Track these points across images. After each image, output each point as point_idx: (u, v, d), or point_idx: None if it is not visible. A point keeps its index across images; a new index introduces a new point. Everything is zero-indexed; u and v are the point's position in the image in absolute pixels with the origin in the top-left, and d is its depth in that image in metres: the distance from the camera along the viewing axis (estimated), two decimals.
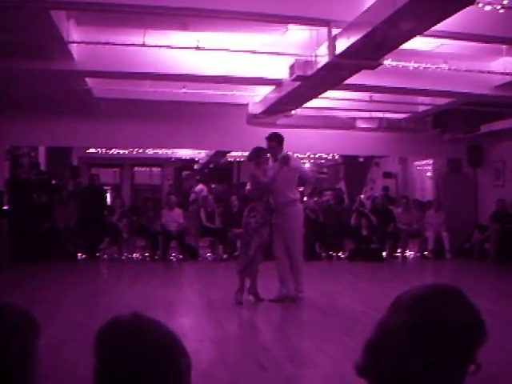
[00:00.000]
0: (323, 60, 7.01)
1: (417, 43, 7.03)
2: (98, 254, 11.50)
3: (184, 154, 19.20)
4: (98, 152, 17.31)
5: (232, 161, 19.82)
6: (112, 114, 11.54)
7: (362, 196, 15.13)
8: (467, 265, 11.33)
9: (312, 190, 14.12)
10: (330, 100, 10.44)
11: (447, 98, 10.53)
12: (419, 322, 1.17)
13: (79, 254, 11.45)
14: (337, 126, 12.21)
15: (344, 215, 12.81)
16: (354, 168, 17.04)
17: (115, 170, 21.83)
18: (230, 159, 19.38)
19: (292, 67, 7.72)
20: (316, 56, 7.27)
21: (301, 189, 10.85)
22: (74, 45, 7.82)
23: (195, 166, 21.27)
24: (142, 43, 7.46)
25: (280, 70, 8.53)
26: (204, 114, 11.70)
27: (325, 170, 21.16)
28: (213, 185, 19.40)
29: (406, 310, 1.20)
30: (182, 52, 8.16)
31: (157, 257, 11.64)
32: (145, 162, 21.21)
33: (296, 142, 10.36)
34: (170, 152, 18.44)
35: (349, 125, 12.09)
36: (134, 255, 11.88)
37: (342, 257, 12.16)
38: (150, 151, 17.57)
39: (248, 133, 10.81)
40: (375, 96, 10.54)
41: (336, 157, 17.94)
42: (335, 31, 6.53)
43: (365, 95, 10.55)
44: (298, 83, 8.05)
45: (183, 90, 9.81)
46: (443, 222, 12.36)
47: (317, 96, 9.30)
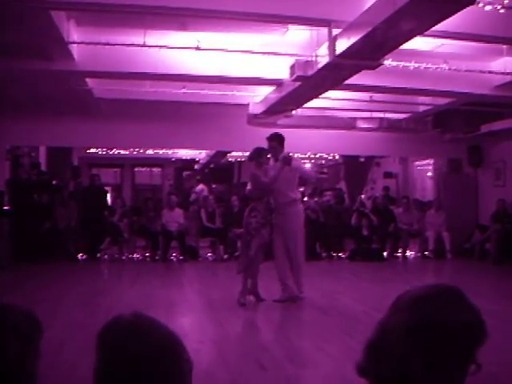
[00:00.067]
0: (323, 60, 7.01)
1: (417, 43, 7.03)
2: (98, 254, 11.51)
3: (184, 154, 19.19)
4: (99, 152, 17.29)
5: (232, 161, 19.79)
6: (112, 114, 11.54)
7: (363, 196, 15.12)
8: (468, 265, 11.32)
9: (312, 190, 14.13)
10: (330, 100, 10.43)
11: (447, 98, 10.52)
12: (420, 322, 1.17)
13: (80, 254, 11.45)
14: (337, 126, 12.20)
15: (344, 215, 12.80)
16: (355, 168, 17.03)
17: (116, 170, 21.83)
18: (230, 159, 19.36)
19: (292, 67, 7.72)
20: (316, 56, 7.27)
21: (301, 189, 10.86)
22: (74, 45, 7.82)
23: (196, 166, 21.25)
24: (142, 43, 7.46)
25: (280, 70, 8.52)
26: (204, 114, 11.69)
27: (325, 170, 21.13)
28: (213, 185, 19.41)
29: (407, 310, 1.21)
30: (182, 52, 8.15)
31: (157, 257, 11.64)
32: (145, 162, 21.20)
33: (296, 142, 10.35)
34: (170, 152, 18.42)
35: (349, 125, 12.08)
36: (135, 255, 11.88)
37: (343, 257, 12.16)
38: (150, 151, 17.58)
39: (248, 133, 10.80)
40: (376, 96, 10.54)
41: (336, 157, 17.93)
42: (335, 31, 6.53)
43: (365, 95, 10.55)
44: (298, 83, 8.05)
45: (183, 90, 9.81)
46: (444, 221, 12.36)
47: (317, 96, 9.30)
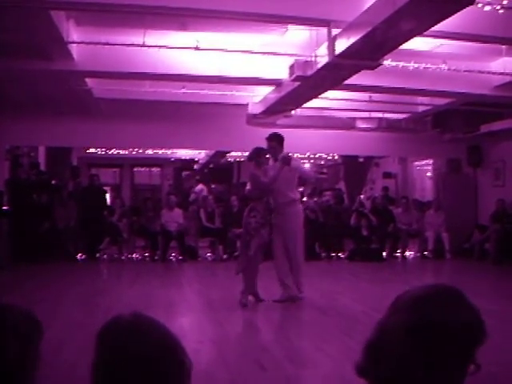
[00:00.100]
0: (323, 60, 7.00)
1: (416, 43, 7.03)
2: (97, 254, 11.50)
3: (184, 154, 19.19)
4: (98, 152, 17.30)
5: (232, 161, 19.81)
6: (112, 114, 11.54)
7: (362, 196, 15.13)
8: (467, 265, 11.32)
9: (312, 190, 14.13)
10: (329, 100, 10.43)
11: (447, 98, 10.52)
12: (419, 322, 1.17)
13: (79, 254, 11.44)
14: (336, 126, 12.20)
15: (344, 215, 12.80)
16: (354, 168, 17.04)
17: (115, 170, 21.83)
18: (229, 159, 19.37)
19: (292, 67, 7.71)
20: (316, 56, 7.27)
21: (301, 189, 10.86)
22: (74, 45, 7.82)
23: (195, 166, 21.26)
24: (141, 43, 7.46)
25: (280, 70, 8.52)
26: (204, 114, 11.69)
27: (324, 170, 21.14)
28: (213, 185, 19.39)
29: (406, 310, 1.21)
30: (182, 52, 8.15)
31: (156, 257, 11.63)
32: (144, 162, 21.21)
33: (296, 142, 10.35)
34: (169, 152, 18.42)
35: (348, 125, 12.08)
36: (134, 255, 11.87)
37: (342, 257, 12.16)
38: (149, 151, 17.58)
39: (248, 133, 10.80)
40: (375, 96, 10.54)
41: (336, 157, 17.93)
42: (335, 31, 6.52)
43: (364, 95, 10.55)
44: (297, 83, 8.05)
45: (183, 90, 9.81)
46: (443, 222, 12.36)
47: (317, 96, 9.30)
